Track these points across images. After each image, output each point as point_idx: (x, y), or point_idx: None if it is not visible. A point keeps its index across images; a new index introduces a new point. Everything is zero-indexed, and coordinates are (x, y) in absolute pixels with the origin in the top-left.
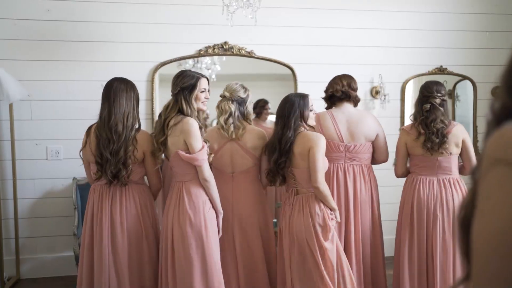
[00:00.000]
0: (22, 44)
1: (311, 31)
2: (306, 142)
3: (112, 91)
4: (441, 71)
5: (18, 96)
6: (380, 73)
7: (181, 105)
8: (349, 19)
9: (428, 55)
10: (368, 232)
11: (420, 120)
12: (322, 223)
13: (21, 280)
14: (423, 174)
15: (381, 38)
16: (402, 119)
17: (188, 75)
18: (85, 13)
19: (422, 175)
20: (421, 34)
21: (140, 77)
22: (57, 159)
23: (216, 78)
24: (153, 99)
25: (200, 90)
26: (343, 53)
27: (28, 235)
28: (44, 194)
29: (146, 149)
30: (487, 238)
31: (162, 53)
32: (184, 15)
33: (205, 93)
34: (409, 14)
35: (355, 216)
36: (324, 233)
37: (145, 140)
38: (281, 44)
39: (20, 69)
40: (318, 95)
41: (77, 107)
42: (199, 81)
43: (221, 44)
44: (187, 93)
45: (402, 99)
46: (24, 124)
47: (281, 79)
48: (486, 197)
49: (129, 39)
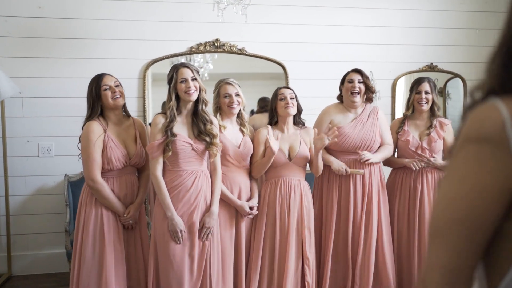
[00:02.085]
0: (14, 41)
1: (302, 28)
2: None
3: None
4: (432, 69)
5: (10, 93)
6: (371, 70)
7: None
8: (340, 16)
9: (418, 53)
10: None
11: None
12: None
13: (13, 277)
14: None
15: (372, 35)
16: (393, 116)
17: (172, 67)
18: (76, 10)
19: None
20: (411, 32)
21: (131, 75)
22: (48, 156)
23: (209, 76)
24: (145, 96)
25: (179, 80)
26: (334, 50)
27: (19, 232)
28: (36, 191)
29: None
30: (445, 206)
31: (154, 50)
32: (176, 12)
33: (186, 83)
34: (400, 12)
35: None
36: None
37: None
38: (273, 41)
39: (11, 66)
40: (310, 92)
41: (68, 104)
42: (176, 72)
43: (212, 42)
44: (170, 86)
45: (393, 96)
46: (16, 121)
47: (274, 77)
48: (453, 169)
49: (120, 37)
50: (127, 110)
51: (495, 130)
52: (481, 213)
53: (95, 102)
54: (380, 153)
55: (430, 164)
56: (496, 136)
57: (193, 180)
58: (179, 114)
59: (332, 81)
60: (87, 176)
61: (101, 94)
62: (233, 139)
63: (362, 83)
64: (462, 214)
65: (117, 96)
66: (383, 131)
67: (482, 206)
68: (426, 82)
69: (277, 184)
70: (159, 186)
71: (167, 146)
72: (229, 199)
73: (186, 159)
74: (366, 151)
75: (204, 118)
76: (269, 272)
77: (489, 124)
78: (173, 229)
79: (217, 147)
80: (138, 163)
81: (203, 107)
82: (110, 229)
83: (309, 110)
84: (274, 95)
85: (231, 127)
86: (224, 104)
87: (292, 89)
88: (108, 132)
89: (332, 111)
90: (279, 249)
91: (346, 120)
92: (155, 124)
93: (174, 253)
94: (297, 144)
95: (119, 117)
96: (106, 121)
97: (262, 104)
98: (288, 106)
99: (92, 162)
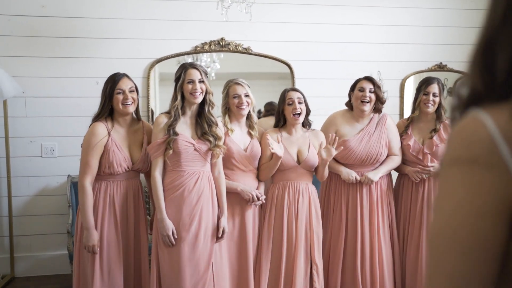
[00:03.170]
0: (17, 40)
1: (309, 27)
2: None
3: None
4: (441, 68)
5: (12, 93)
6: (379, 70)
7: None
8: (348, 15)
9: (427, 52)
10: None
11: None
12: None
13: (16, 278)
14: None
15: (380, 34)
16: (402, 116)
17: (180, 66)
18: (80, 9)
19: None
20: (420, 30)
21: (135, 74)
22: (52, 156)
23: (216, 76)
24: (149, 96)
25: (186, 80)
26: (341, 50)
27: (22, 233)
28: (39, 192)
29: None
30: (444, 236)
31: (158, 49)
32: (181, 11)
33: (192, 84)
34: (408, 10)
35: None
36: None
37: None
38: (279, 40)
39: (14, 65)
40: (317, 92)
41: (72, 104)
42: (184, 72)
43: (217, 41)
44: (176, 85)
45: (401, 96)
46: (19, 121)
47: (281, 77)
48: (446, 194)
49: (124, 36)
50: (138, 114)
51: (483, 150)
52: (483, 238)
53: (106, 102)
54: (384, 167)
55: (430, 174)
56: (486, 155)
57: (195, 180)
58: (183, 114)
59: (340, 80)
60: (79, 178)
61: (113, 96)
62: (240, 143)
63: (373, 93)
64: (463, 243)
65: (128, 103)
66: (391, 140)
67: (482, 230)
68: (436, 83)
69: (285, 188)
70: (155, 187)
71: (168, 145)
72: (231, 188)
73: (188, 160)
74: (373, 164)
75: (210, 120)
76: (277, 277)
77: (477, 143)
78: (163, 232)
79: (221, 149)
80: (141, 169)
81: (209, 109)
82: (109, 232)
83: (316, 110)
84: (281, 98)
85: (239, 130)
86: (233, 105)
87: (301, 91)
88: (113, 135)
89: (338, 120)
90: (287, 254)
91: (353, 131)
92: (158, 123)
93: (178, 257)
94: (305, 148)
95: (128, 121)
96: (113, 123)
97: (269, 108)
98: (296, 113)
99: (84, 166)
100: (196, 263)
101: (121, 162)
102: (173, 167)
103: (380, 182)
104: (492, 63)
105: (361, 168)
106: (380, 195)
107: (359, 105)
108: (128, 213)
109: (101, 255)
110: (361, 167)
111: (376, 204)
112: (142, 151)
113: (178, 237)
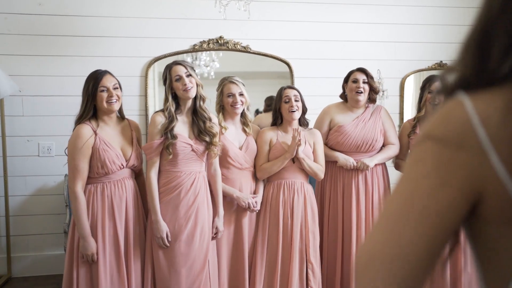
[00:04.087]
0: (13, 39)
1: (308, 25)
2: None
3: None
4: (441, 67)
5: (9, 91)
6: (378, 69)
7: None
8: (347, 13)
9: (427, 50)
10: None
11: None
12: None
13: (12, 278)
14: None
15: (379, 32)
16: (401, 115)
17: (165, 68)
18: (77, 7)
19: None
20: (420, 29)
21: (133, 73)
22: (49, 155)
23: (215, 75)
24: (147, 95)
25: (174, 78)
26: (340, 48)
27: (19, 232)
28: (36, 191)
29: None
30: (405, 198)
31: (156, 48)
32: (179, 9)
33: (181, 80)
34: (408, 8)
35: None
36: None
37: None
38: (278, 39)
39: (11, 64)
40: (316, 91)
41: (69, 103)
42: (169, 71)
43: (216, 39)
44: (165, 86)
45: (401, 95)
46: (16, 120)
47: (280, 76)
48: (415, 162)
49: (122, 34)
50: (122, 112)
51: (458, 129)
52: (439, 209)
53: (89, 101)
54: (380, 155)
55: None
56: (459, 135)
57: (192, 181)
58: (179, 113)
59: (339, 79)
60: (69, 184)
61: (96, 95)
62: (235, 141)
63: (367, 83)
64: (420, 209)
65: (113, 101)
66: (387, 130)
67: (441, 201)
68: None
69: (280, 187)
70: (150, 188)
71: (167, 149)
72: (228, 193)
73: (185, 160)
74: (369, 150)
75: (203, 116)
76: (272, 277)
77: (453, 123)
78: (157, 234)
79: (217, 146)
80: (135, 166)
81: (201, 103)
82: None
83: (315, 109)
84: (278, 96)
85: (233, 128)
86: (227, 103)
87: (297, 89)
88: (100, 134)
89: (332, 110)
90: (282, 253)
91: (347, 119)
92: (155, 124)
93: (174, 257)
94: (301, 146)
95: (114, 119)
96: (98, 122)
97: (269, 102)
98: (292, 111)
99: (73, 171)
100: (192, 263)
101: (114, 159)
102: (169, 167)
103: (376, 171)
104: (487, 51)
105: (357, 155)
106: (377, 183)
107: (354, 96)
108: (127, 213)
109: (104, 260)
110: (357, 154)
111: (372, 193)
112: (133, 147)
113: (173, 238)
